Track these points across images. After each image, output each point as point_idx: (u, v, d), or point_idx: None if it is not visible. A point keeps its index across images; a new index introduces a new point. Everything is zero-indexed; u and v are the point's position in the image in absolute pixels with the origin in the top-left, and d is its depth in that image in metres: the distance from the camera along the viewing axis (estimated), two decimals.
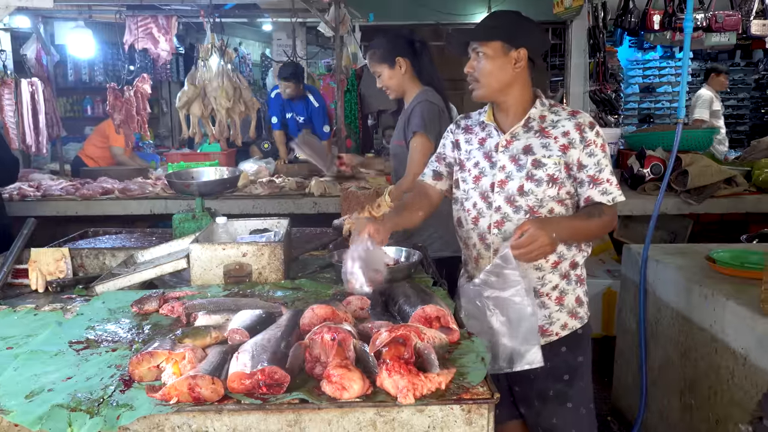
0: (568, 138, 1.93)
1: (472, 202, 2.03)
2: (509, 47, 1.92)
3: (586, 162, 1.93)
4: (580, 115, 1.97)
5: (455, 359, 1.45)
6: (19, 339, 1.66)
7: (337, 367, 1.28)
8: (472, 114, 2.16)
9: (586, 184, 1.93)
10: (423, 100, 2.73)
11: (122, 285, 2.06)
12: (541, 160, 1.93)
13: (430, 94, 2.77)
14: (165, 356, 1.37)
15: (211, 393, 1.26)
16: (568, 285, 2.02)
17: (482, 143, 2.04)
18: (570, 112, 1.98)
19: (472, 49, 1.95)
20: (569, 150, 1.93)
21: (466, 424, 1.28)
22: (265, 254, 2.07)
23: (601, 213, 1.90)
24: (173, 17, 4.86)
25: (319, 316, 1.56)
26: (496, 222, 1.98)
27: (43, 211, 4.20)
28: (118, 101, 4.95)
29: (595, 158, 1.92)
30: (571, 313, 2.03)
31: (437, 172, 2.15)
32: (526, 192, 1.94)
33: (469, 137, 2.09)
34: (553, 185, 1.93)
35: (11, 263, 2.30)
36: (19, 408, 1.25)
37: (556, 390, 2.01)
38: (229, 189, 2.88)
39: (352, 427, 1.27)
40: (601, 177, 1.93)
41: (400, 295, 1.72)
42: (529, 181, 1.93)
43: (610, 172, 1.95)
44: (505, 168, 1.97)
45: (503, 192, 1.97)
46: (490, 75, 1.92)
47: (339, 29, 4.62)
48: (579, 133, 1.93)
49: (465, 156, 2.07)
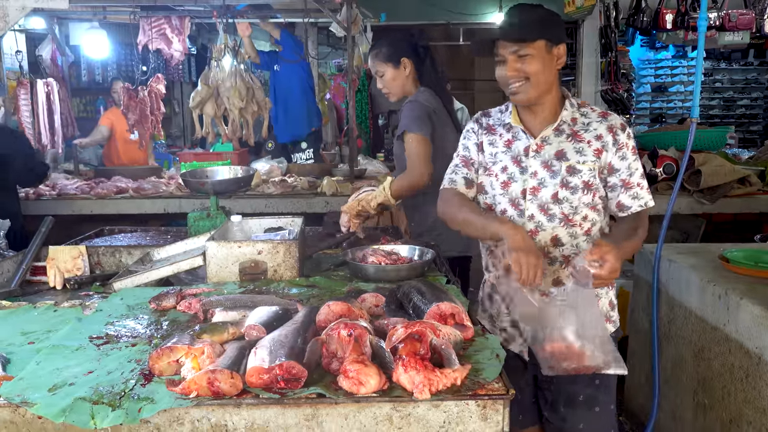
0: (601, 142, 1.87)
1: (501, 209, 1.94)
2: (551, 45, 1.83)
3: (618, 165, 1.88)
4: (611, 116, 1.91)
5: (470, 356, 1.46)
6: (40, 334, 1.69)
7: (354, 363, 1.30)
8: (491, 111, 2.05)
9: (618, 188, 1.89)
10: (412, 100, 2.73)
11: (140, 282, 2.09)
12: (576, 166, 1.86)
13: (424, 95, 2.76)
14: (184, 351, 1.39)
15: (229, 387, 1.28)
16: (601, 289, 1.97)
17: (509, 146, 1.94)
18: (600, 114, 1.91)
19: (512, 51, 1.82)
20: (602, 154, 1.87)
21: (481, 420, 1.29)
22: (281, 252, 2.09)
23: (640, 223, 1.87)
24: (186, 18, 4.90)
25: (334, 313, 1.58)
26: (530, 231, 1.89)
27: (58, 209, 4.25)
28: (132, 101, 5.00)
29: (626, 162, 1.87)
30: (605, 317, 1.99)
31: (468, 179, 2.01)
32: (561, 200, 1.87)
33: (492, 139, 1.98)
34: (588, 192, 1.87)
35: (30, 261, 2.34)
36: (43, 401, 1.28)
37: (587, 395, 1.96)
38: (243, 188, 2.90)
39: (368, 421, 1.29)
40: (632, 181, 1.88)
41: (414, 293, 1.73)
42: (564, 189, 1.86)
43: (640, 176, 1.90)
44: (537, 174, 1.88)
45: (536, 199, 1.89)
46: (540, 76, 1.82)
47: (351, 29, 4.63)
48: (612, 136, 1.87)
49: (490, 159, 1.97)
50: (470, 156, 2.02)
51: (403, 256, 2.28)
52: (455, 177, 2.02)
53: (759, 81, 11.26)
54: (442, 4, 7.90)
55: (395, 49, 2.76)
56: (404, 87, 2.81)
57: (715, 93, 11.29)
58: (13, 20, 3.83)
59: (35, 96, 4.93)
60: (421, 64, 2.79)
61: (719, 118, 11.00)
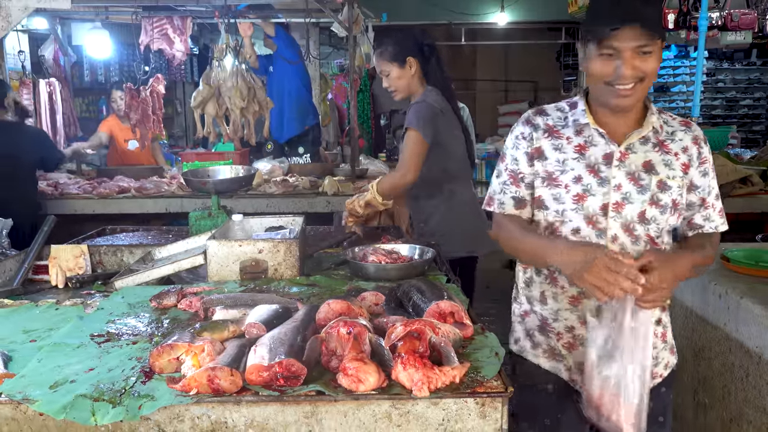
0: (687, 155, 1.67)
1: (572, 228, 1.66)
2: (658, 38, 1.55)
3: (698, 182, 1.69)
4: (693, 126, 1.70)
5: (469, 354, 1.46)
6: (42, 332, 1.70)
7: (353, 360, 1.30)
8: (547, 109, 1.74)
9: (695, 207, 1.70)
10: (421, 101, 2.73)
11: (141, 280, 2.10)
12: (667, 182, 1.63)
13: (432, 95, 2.76)
14: (185, 349, 1.39)
15: (229, 384, 1.28)
16: (666, 317, 1.82)
17: (581, 152, 1.65)
18: (682, 122, 1.70)
19: (637, 46, 1.52)
20: (689, 169, 1.66)
21: (480, 417, 1.30)
22: (281, 251, 2.10)
23: (708, 241, 1.70)
24: (188, 18, 4.91)
25: (334, 311, 1.58)
26: None
27: (60, 209, 4.26)
28: (134, 101, 5.01)
29: (707, 178, 1.69)
30: (671, 348, 1.87)
31: (519, 198, 1.72)
32: (648, 219, 1.63)
33: (558, 142, 1.68)
34: (674, 212, 1.66)
35: (32, 259, 2.35)
36: (44, 398, 1.29)
37: None
38: (244, 187, 2.91)
39: (367, 419, 1.29)
40: (708, 200, 1.70)
41: (414, 291, 1.73)
42: (653, 207, 1.63)
43: (716, 197, 1.72)
44: (621, 188, 1.62)
45: (619, 217, 1.63)
46: (653, 77, 1.58)
47: (352, 29, 4.64)
48: (697, 148, 1.67)
49: (557, 167, 1.67)
50: (519, 169, 1.71)
51: (404, 255, 2.29)
52: (504, 198, 1.74)
53: (762, 81, 11.24)
54: (443, 4, 7.92)
55: (401, 48, 2.76)
56: (410, 86, 2.80)
57: (718, 93, 11.28)
58: (16, 20, 3.85)
59: (38, 96, 4.95)
60: (426, 63, 2.79)
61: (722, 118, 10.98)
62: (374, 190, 2.65)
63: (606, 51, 1.54)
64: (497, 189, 1.76)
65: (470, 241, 2.82)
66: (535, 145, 1.69)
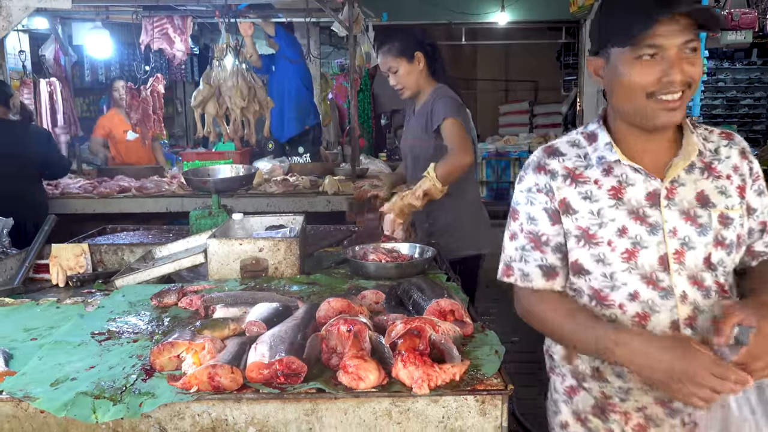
0: (739, 174, 1.35)
1: (628, 293, 1.31)
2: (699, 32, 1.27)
3: (755, 204, 1.38)
4: (736, 137, 1.41)
5: (469, 352, 1.47)
6: (43, 330, 1.71)
7: (353, 358, 1.31)
8: (559, 146, 1.40)
9: (755, 233, 1.39)
10: (443, 96, 2.69)
11: (141, 279, 2.10)
12: (728, 214, 1.32)
13: (447, 90, 2.74)
14: (185, 346, 1.40)
15: (230, 382, 1.29)
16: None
17: (618, 196, 1.32)
18: (722, 135, 1.39)
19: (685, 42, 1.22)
20: (745, 192, 1.35)
21: (480, 415, 1.30)
22: (281, 249, 2.10)
23: None
24: (188, 18, 4.90)
25: (335, 309, 1.59)
26: (687, 318, 1.30)
27: (61, 208, 4.26)
28: (135, 100, 5.01)
29: (764, 198, 1.39)
30: None
31: (547, 267, 1.37)
32: (715, 264, 1.31)
33: (585, 189, 1.33)
34: (738, 250, 1.35)
35: (33, 258, 2.35)
36: (45, 395, 1.29)
37: None
38: (244, 186, 2.92)
39: (367, 416, 1.29)
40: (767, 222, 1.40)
41: (414, 289, 1.74)
42: (718, 248, 1.31)
43: None
44: (677, 232, 1.30)
45: (684, 269, 1.30)
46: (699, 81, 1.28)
47: (352, 29, 4.64)
48: (747, 164, 1.37)
49: (592, 221, 1.32)
50: (541, 230, 1.37)
51: (404, 253, 2.29)
52: (527, 268, 1.38)
53: (762, 80, 11.23)
54: (443, 4, 7.92)
55: (408, 44, 2.71)
56: (418, 82, 2.75)
57: (718, 92, 11.27)
58: (17, 20, 3.85)
59: (38, 96, 4.95)
60: (431, 59, 2.76)
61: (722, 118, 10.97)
62: (432, 177, 2.47)
63: (646, 52, 1.22)
64: (515, 256, 1.40)
65: (477, 239, 2.82)
66: (557, 197, 1.35)
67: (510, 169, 8.15)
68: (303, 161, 5.53)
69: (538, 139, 8.37)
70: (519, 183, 1.42)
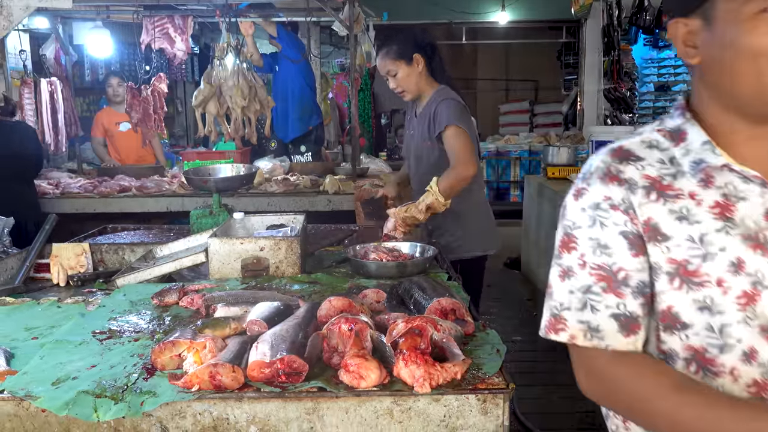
0: None
1: (743, 349, 0.94)
2: None
3: None
4: None
5: (470, 351, 1.46)
6: (44, 330, 1.71)
7: (355, 357, 1.31)
8: (635, 149, 1.01)
9: None
10: (446, 98, 2.67)
11: (142, 278, 2.10)
12: None
13: (449, 91, 2.72)
14: (186, 345, 1.40)
15: (231, 381, 1.29)
16: None
17: (726, 215, 0.95)
18: None
19: None
20: None
21: (481, 414, 1.30)
22: (282, 248, 2.10)
23: None
24: (189, 17, 4.90)
25: (336, 308, 1.59)
26: None
27: (62, 208, 4.26)
28: (136, 100, 5.01)
29: None
30: None
31: (627, 316, 0.96)
32: None
33: (679, 206, 0.96)
34: None
35: (33, 258, 2.35)
36: (47, 394, 1.29)
37: None
38: (245, 185, 2.92)
39: (369, 415, 1.29)
40: None
41: (415, 288, 1.74)
42: None
43: None
44: None
45: None
46: None
47: (353, 28, 4.64)
48: None
49: (692, 250, 0.95)
50: (618, 264, 0.97)
51: (405, 253, 2.29)
52: (596, 319, 0.97)
53: None
54: (444, 3, 7.91)
55: (406, 46, 2.70)
56: (418, 84, 2.73)
57: None
58: (17, 19, 3.85)
59: (39, 95, 4.95)
60: (431, 61, 2.74)
61: None
62: (435, 191, 2.46)
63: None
64: (572, 302, 0.99)
65: (483, 240, 2.82)
66: (640, 217, 0.96)
67: (510, 169, 8.15)
68: (304, 160, 5.54)
69: (538, 139, 8.37)
70: (577, 198, 1.01)
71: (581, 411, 3.47)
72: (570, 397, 3.65)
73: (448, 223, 2.75)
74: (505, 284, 5.96)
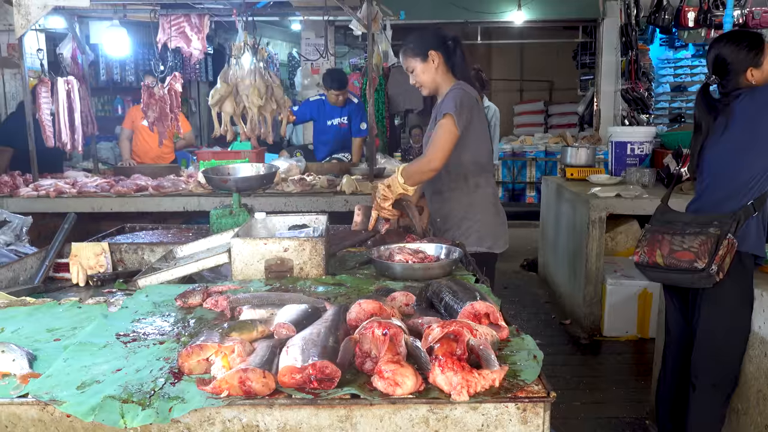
0: None
1: None
2: None
3: None
4: None
5: (506, 357, 1.41)
6: (66, 331, 1.67)
7: (389, 363, 1.26)
8: None
9: None
10: (457, 89, 2.72)
11: (164, 279, 2.06)
12: None
13: (465, 86, 2.76)
14: (214, 349, 1.35)
15: (262, 387, 1.24)
16: None
17: None
18: None
19: None
20: None
21: (521, 423, 1.25)
22: (307, 249, 2.06)
23: None
24: (206, 16, 4.88)
25: (366, 311, 1.54)
26: None
27: (78, 207, 4.25)
28: (152, 99, 5.00)
29: None
30: None
31: None
32: None
33: None
34: None
35: (53, 257, 2.33)
36: (72, 399, 1.25)
37: None
38: (265, 185, 2.88)
39: (404, 423, 1.24)
40: None
41: (445, 291, 1.68)
42: None
43: None
44: None
45: None
46: None
47: (371, 27, 4.60)
48: None
49: None
50: None
51: (430, 254, 2.24)
52: None
53: None
54: (460, 3, 7.86)
55: (421, 43, 2.78)
56: (435, 80, 2.80)
57: None
58: (35, 18, 3.85)
59: (56, 94, 4.94)
60: (450, 57, 2.79)
61: None
62: (398, 172, 2.57)
63: None
64: None
65: (489, 237, 2.83)
66: None
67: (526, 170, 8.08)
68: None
69: (554, 139, 8.29)
70: None
71: (604, 417, 3.40)
72: (592, 402, 3.58)
73: (454, 216, 2.79)
74: (522, 286, 5.89)
